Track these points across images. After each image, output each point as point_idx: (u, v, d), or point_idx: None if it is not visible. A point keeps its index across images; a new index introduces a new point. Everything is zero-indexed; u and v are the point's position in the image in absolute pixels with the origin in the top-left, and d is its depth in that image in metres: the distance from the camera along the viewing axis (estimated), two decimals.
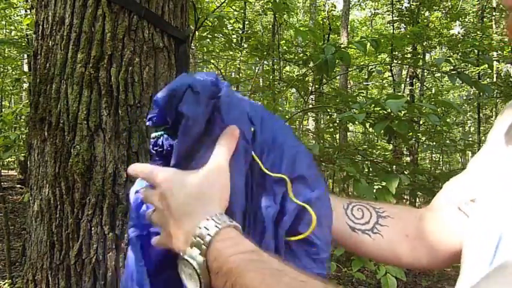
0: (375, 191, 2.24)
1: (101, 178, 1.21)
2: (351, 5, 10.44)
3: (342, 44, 4.81)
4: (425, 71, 8.17)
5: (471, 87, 3.26)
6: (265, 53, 4.48)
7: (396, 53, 7.14)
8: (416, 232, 0.70)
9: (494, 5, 9.24)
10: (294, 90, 5.55)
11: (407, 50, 8.35)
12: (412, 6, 8.83)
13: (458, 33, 9.46)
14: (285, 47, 5.60)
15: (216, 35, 4.05)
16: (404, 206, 0.75)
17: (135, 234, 0.63)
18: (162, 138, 0.63)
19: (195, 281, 0.49)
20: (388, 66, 9.44)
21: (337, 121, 4.16)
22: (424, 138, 4.88)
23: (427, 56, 10.71)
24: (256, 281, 0.45)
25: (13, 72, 6.97)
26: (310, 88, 3.90)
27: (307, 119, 9.12)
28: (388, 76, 10.68)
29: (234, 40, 5.06)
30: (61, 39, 1.24)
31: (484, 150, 0.65)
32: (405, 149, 6.87)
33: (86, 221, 1.21)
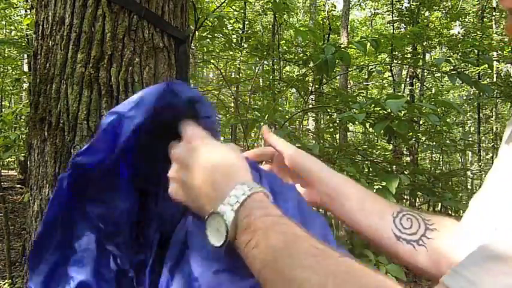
0: (374, 191, 2.25)
1: None
2: (351, 5, 10.43)
3: (342, 44, 4.81)
4: (425, 71, 8.17)
5: (471, 87, 3.26)
6: (265, 53, 4.49)
7: (396, 53, 7.14)
8: (456, 246, 0.69)
9: (494, 5, 9.24)
10: (294, 90, 5.55)
11: (407, 50, 8.35)
12: (412, 6, 8.83)
13: (458, 33, 9.46)
14: (285, 47, 5.60)
15: (216, 35, 4.05)
16: (449, 219, 0.75)
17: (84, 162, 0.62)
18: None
19: (221, 236, 0.52)
20: (388, 66, 9.44)
21: (337, 121, 4.15)
22: (424, 138, 4.88)
23: (427, 56, 10.71)
24: (279, 243, 0.49)
25: (13, 72, 6.97)
26: (310, 88, 3.90)
27: (307, 119, 9.13)
28: (388, 76, 10.68)
29: (234, 40, 5.06)
30: (61, 39, 1.24)
31: (499, 167, 0.65)
32: (405, 149, 6.87)
33: None
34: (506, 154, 0.63)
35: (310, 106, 4.90)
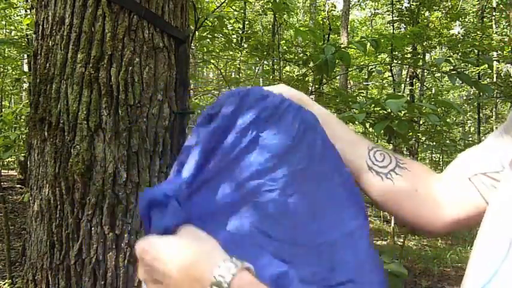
0: None
1: (101, 178, 1.21)
2: (351, 5, 10.44)
3: (342, 44, 4.81)
4: (425, 71, 8.17)
5: (471, 87, 3.26)
6: (265, 53, 4.48)
7: (396, 53, 7.14)
8: (424, 191, 0.71)
9: (494, 5, 9.24)
10: None
11: (407, 50, 8.35)
12: (412, 6, 8.83)
13: (458, 33, 9.46)
14: (285, 47, 5.60)
15: (216, 35, 4.05)
16: (424, 166, 0.78)
17: None
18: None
19: None
20: (388, 66, 9.44)
21: None
22: (424, 138, 4.88)
23: (427, 56, 10.71)
24: None
25: (13, 72, 6.97)
26: (310, 88, 3.90)
27: None
28: (388, 76, 10.68)
29: (234, 40, 5.06)
30: (61, 39, 1.24)
31: (505, 127, 0.65)
32: (405, 149, 6.87)
33: (86, 221, 1.21)
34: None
35: None
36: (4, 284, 3.37)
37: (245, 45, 5.28)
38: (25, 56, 6.76)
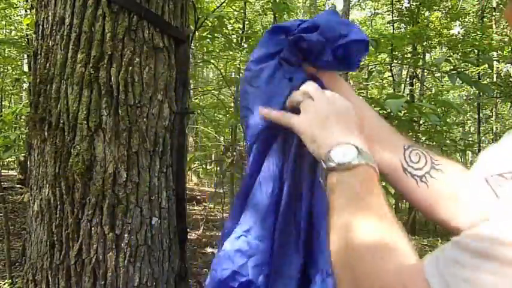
0: None
1: (101, 178, 1.21)
2: (351, 5, 10.43)
3: None
4: (425, 71, 8.17)
5: (471, 87, 3.26)
6: None
7: (396, 53, 7.13)
8: (456, 195, 0.71)
9: (494, 5, 9.23)
10: None
11: (407, 50, 8.35)
12: (412, 6, 8.82)
13: (458, 33, 9.45)
14: None
15: (216, 35, 4.05)
16: (459, 165, 0.76)
17: None
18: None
19: (343, 159, 0.59)
20: (388, 66, 9.43)
21: None
22: (424, 138, 4.87)
23: (427, 56, 10.70)
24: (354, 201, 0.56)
25: (13, 72, 6.97)
26: None
27: None
28: (388, 76, 10.66)
29: (234, 40, 5.05)
30: (61, 39, 1.24)
31: None
32: None
33: (86, 221, 1.21)
34: None
35: None
36: (4, 284, 3.37)
37: (245, 45, 5.27)
38: (25, 56, 6.76)
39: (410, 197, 0.74)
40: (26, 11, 6.58)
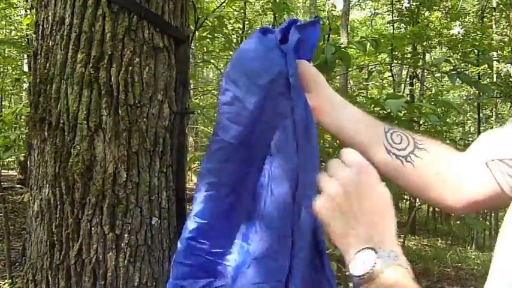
0: None
1: (101, 178, 1.21)
2: (351, 5, 10.44)
3: (342, 44, 4.81)
4: (425, 71, 8.17)
5: (471, 87, 3.26)
6: None
7: (396, 53, 7.14)
8: (445, 173, 0.70)
9: (494, 5, 9.23)
10: None
11: (407, 50, 8.36)
12: (412, 6, 8.83)
13: (458, 33, 9.45)
14: None
15: (216, 35, 4.05)
16: (443, 144, 0.75)
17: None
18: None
19: (362, 269, 0.51)
20: (388, 66, 9.44)
21: None
22: None
23: (427, 56, 10.71)
24: None
25: (13, 72, 6.97)
26: None
27: None
28: (388, 76, 10.67)
29: (234, 40, 5.05)
30: (61, 39, 1.24)
31: None
32: None
33: (86, 221, 1.21)
34: None
35: None
36: (4, 284, 3.37)
37: None
38: (25, 56, 6.76)
39: (398, 180, 0.72)
40: (26, 11, 6.58)
